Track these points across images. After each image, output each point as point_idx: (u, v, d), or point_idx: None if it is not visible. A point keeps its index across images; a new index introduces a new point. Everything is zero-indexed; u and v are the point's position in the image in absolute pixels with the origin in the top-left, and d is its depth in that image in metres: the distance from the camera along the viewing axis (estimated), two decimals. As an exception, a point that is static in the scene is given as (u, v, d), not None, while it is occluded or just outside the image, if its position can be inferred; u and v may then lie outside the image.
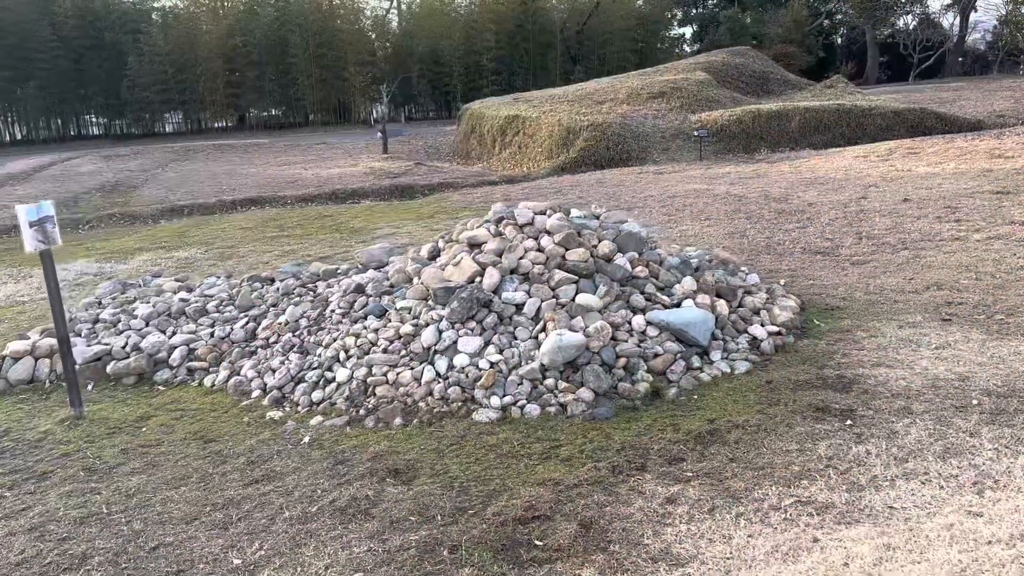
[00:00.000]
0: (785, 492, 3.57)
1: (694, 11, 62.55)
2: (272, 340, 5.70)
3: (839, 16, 58.03)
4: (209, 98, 40.68)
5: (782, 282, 6.96)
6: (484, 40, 39.81)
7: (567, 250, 5.63)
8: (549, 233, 5.79)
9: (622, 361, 4.89)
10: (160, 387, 5.56)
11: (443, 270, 5.63)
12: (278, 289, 6.48)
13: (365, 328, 5.32)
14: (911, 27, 50.16)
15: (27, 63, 38.25)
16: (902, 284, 6.67)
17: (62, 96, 41.12)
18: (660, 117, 19.41)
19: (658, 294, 5.48)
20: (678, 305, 5.46)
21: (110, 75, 39.88)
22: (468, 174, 17.87)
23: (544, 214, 6.07)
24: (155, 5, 44.41)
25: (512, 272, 5.54)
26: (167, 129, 45.50)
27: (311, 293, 6.34)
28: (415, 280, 5.75)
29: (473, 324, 5.12)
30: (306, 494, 3.84)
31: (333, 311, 5.72)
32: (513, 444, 4.24)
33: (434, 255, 6.12)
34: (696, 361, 5.03)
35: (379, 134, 22.62)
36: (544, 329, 5.08)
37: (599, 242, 5.83)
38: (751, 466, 3.83)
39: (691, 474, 3.80)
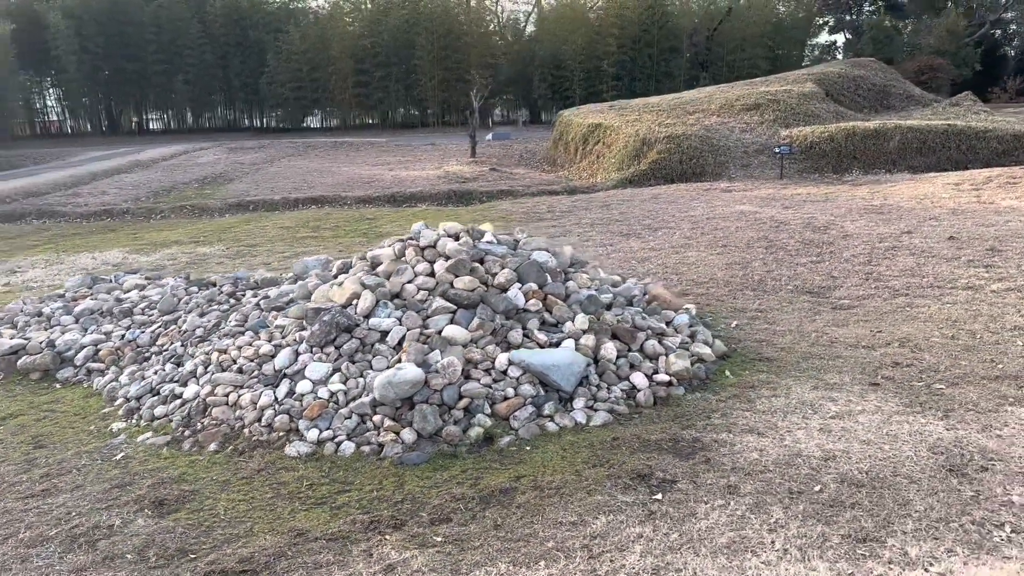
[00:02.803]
0: (513, 572, 3.21)
1: (848, 17, 59.44)
2: (165, 347, 5.75)
3: (1013, 26, 53.36)
4: (339, 96, 42.31)
5: (734, 324, 6.39)
6: (606, 45, 39.29)
7: (456, 277, 5.35)
8: (446, 258, 5.53)
9: (464, 402, 4.59)
10: (57, 385, 5.72)
11: (331, 289, 5.48)
12: (208, 296, 6.54)
13: (232, 343, 5.26)
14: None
15: (178, 58, 41.19)
16: (864, 337, 5.94)
17: (208, 90, 44.01)
18: (748, 131, 18.43)
19: (535, 332, 5.11)
20: (557, 344, 5.08)
21: (251, 72, 42.29)
22: (538, 182, 17.63)
23: (455, 237, 5.81)
24: (300, 5, 46.73)
25: (394, 297, 5.33)
26: (314, 124, 47.92)
27: (232, 301, 6.35)
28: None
29: (331, 349, 4.96)
30: (60, 516, 3.81)
31: (229, 323, 5.70)
32: (301, 484, 4.05)
33: (344, 271, 5.98)
34: (549, 408, 4.65)
35: (468, 136, 22.72)
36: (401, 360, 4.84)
37: (500, 270, 5.52)
38: (509, 537, 3.48)
39: (440, 539, 3.49)
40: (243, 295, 6.52)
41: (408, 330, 4.99)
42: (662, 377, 5.05)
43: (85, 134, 44.13)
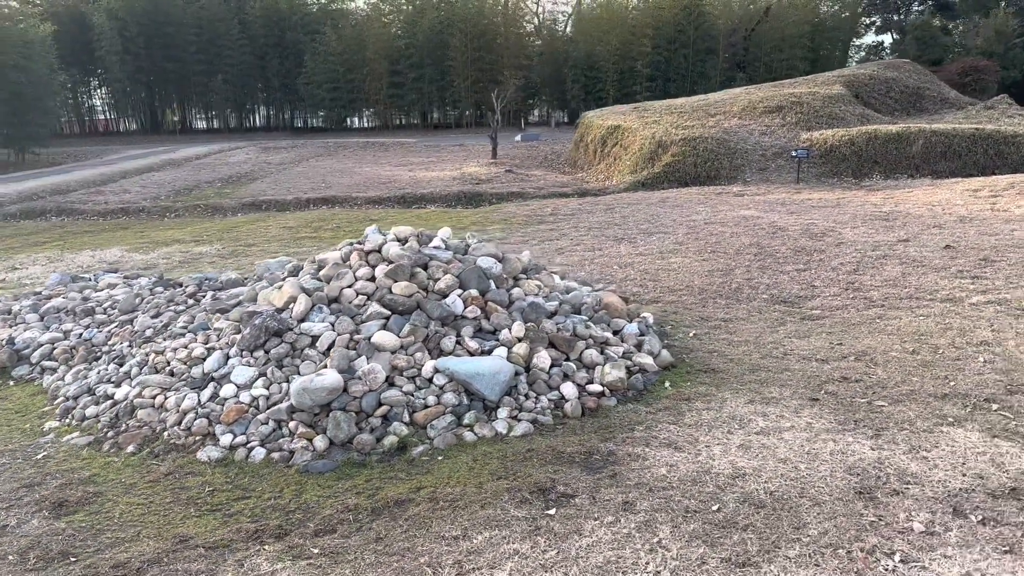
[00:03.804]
0: (375, 589, 3.16)
1: (895, 17, 58.13)
2: (115, 347, 5.81)
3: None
4: (374, 97, 42.66)
5: (692, 333, 6.25)
6: (641, 45, 38.96)
7: (395, 282, 5.32)
8: (390, 263, 5.50)
9: (383, 409, 4.55)
10: (11, 382, 5.82)
11: (271, 292, 5.49)
12: (169, 296, 6.60)
13: (170, 345, 5.29)
14: None
15: (217, 59, 41.92)
16: (822, 349, 5.76)
17: (247, 90, 44.72)
18: (768, 133, 18.08)
19: (467, 339, 5.04)
20: (489, 352, 5.01)
21: (289, 72, 42.85)
22: (552, 184, 17.52)
23: (403, 241, 5.78)
24: (339, 7, 47.17)
25: (332, 301, 5.31)
26: (357, 125, 48.41)
27: (191, 302, 6.40)
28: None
29: (260, 353, 4.95)
30: (-41, 516, 3.86)
31: (177, 324, 5.74)
32: (203, 490, 4.05)
33: (294, 274, 5.98)
34: (470, 417, 4.59)
35: (489, 138, 22.70)
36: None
37: (443, 276, 5.46)
38: (386, 550, 3.43)
39: (317, 551, 3.45)
40: (204, 296, 6.56)
41: (339, 335, 4.96)
42: (595, 387, 4.95)
43: (130, 133, 45.21)
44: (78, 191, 18.43)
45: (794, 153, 16.04)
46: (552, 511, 3.68)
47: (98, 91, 46.64)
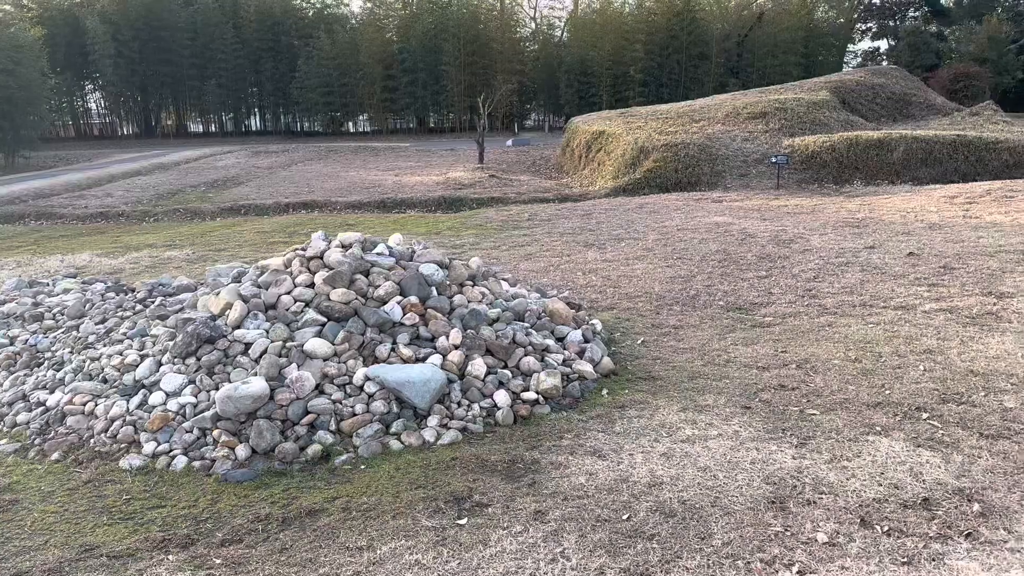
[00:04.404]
0: (268, 599, 3.14)
1: (891, 23, 58.22)
2: (57, 353, 5.79)
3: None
4: (367, 102, 42.67)
5: (640, 340, 6.24)
6: (633, 51, 38.98)
7: (333, 289, 5.31)
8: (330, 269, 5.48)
9: (310, 418, 4.53)
10: (-46, 389, 5.80)
11: (209, 299, 5.48)
12: (118, 302, 6.58)
13: (106, 351, 5.27)
14: None
15: (212, 63, 41.95)
16: (765, 356, 5.74)
17: (241, 94, 44.75)
18: (750, 139, 18.08)
19: (401, 347, 5.03)
20: (424, 360, 5.00)
21: (283, 76, 42.87)
22: (534, 189, 17.52)
23: (347, 247, 5.77)
24: (335, 12, 47.20)
25: (270, 308, 5.30)
26: (355, 129, 48.21)
27: (139, 308, 6.38)
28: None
29: (192, 360, 4.94)
30: None
31: (120, 330, 5.73)
32: (120, 498, 4.03)
33: (238, 280, 5.97)
34: (398, 426, 4.57)
35: (475, 143, 22.71)
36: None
37: (384, 283, 5.45)
38: (289, 561, 3.42)
39: (219, 561, 3.44)
40: (153, 302, 6.54)
41: (272, 342, 4.95)
42: (529, 395, 4.94)
43: (125, 136, 45.21)
44: (61, 195, 18.44)
45: (773, 159, 16.03)
46: (463, 521, 3.67)
47: (93, 95, 46.69)
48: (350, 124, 47.33)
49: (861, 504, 3.66)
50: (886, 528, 3.44)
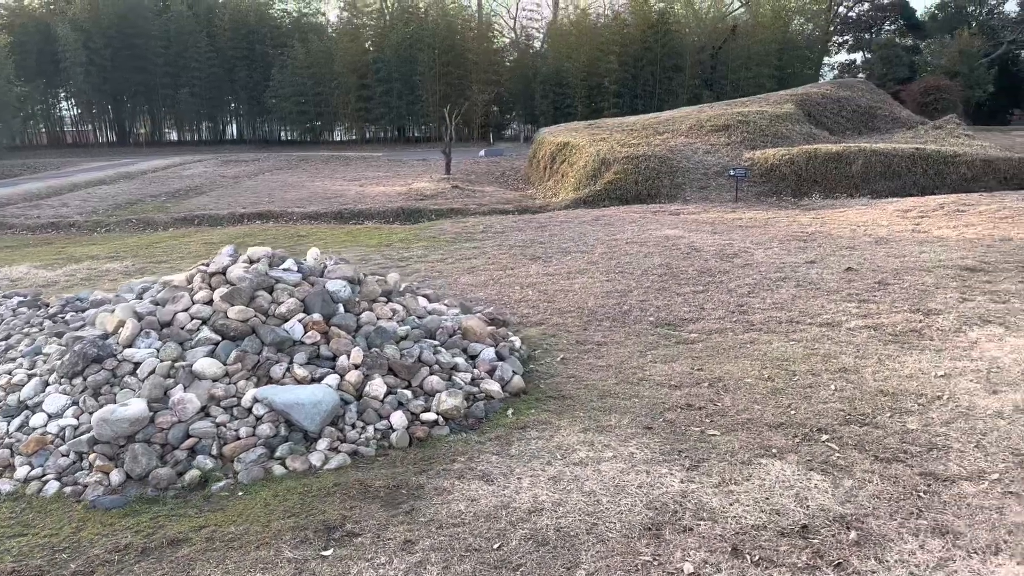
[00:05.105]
0: (105, 635, 3.01)
1: (867, 36, 58.78)
2: (-46, 372, 5.63)
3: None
4: (342, 111, 42.55)
5: (560, 358, 6.15)
6: (608, 62, 39.11)
7: (231, 306, 5.18)
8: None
9: (191, 442, 4.40)
10: None
11: (103, 316, 5.33)
12: (26, 318, 6.42)
13: (-3, 371, 5.13)
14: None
15: (185, 71, 41.69)
16: (680, 375, 5.67)
17: (215, 103, 44.49)
18: (712, 152, 18.10)
19: (295, 367, 4.91)
20: (320, 380, 4.88)
21: (257, 85, 42.69)
22: (496, 200, 17.44)
23: (253, 262, 5.65)
24: (312, 21, 47.04)
25: (165, 326, 5.17)
26: (331, 138, 47.96)
27: (48, 324, 6.22)
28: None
29: (78, 380, 4.80)
30: None
31: (20, 347, 5.58)
32: (-20, 524, 3.88)
33: (140, 296, 5.84)
34: (284, 450, 4.45)
35: (442, 153, 22.63)
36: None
37: (287, 299, 5.34)
38: (139, 592, 3.28)
39: (67, 592, 3.30)
40: (63, 317, 6.39)
41: (160, 362, 4.82)
42: (429, 416, 4.83)
43: (98, 144, 44.79)
44: (16, 204, 18.18)
45: (731, 172, 16.04)
46: (328, 552, 3.55)
47: (66, 103, 46.26)
48: (329, 134, 47.08)
49: (738, 531, 3.57)
50: (756, 558, 3.36)
